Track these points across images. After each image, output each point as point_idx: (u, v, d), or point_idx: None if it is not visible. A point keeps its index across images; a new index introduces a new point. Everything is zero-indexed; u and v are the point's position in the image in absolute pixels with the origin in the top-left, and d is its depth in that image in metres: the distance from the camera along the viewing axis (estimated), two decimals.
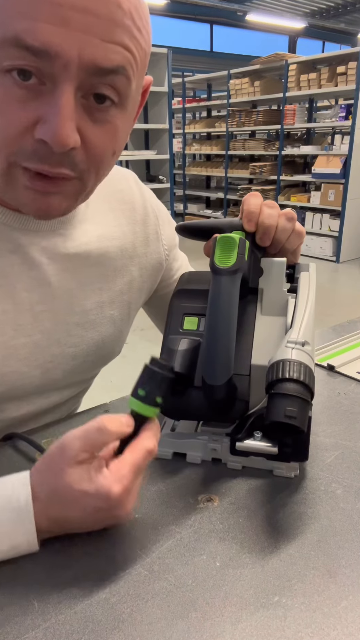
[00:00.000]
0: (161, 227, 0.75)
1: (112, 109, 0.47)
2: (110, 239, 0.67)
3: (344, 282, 4.51)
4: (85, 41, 0.41)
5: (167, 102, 4.42)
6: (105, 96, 0.45)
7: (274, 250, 0.60)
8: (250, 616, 0.40)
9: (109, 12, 0.41)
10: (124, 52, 0.43)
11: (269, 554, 0.46)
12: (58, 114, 0.42)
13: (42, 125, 0.43)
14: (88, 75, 0.43)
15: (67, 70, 0.41)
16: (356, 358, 0.84)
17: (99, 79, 0.44)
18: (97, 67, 0.42)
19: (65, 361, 0.65)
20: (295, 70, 5.13)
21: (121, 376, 2.68)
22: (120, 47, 0.43)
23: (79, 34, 0.40)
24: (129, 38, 0.43)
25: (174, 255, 0.79)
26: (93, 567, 0.45)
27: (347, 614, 0.40)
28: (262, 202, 0.58)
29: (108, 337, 0.70)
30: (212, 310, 0.51)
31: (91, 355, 0.68)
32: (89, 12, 0.40)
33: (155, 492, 0.53)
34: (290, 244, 0.60)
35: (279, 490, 0.54)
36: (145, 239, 0.72)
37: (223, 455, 0.57)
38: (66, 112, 0.42)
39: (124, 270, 0.69)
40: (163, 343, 0.57)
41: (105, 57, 0.42)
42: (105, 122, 0.47)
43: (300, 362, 0.47)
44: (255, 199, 0.58)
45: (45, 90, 0.43)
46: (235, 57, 12.17)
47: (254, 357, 0.55)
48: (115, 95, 0.46)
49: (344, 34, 12.90)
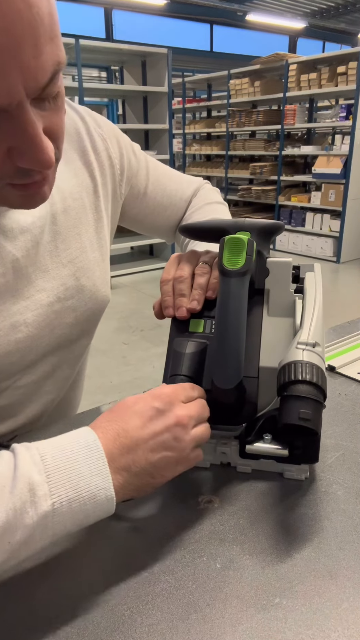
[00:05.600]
0: (110, 149, 0.73)
1: (58, 92, 0.46)
2: (72, 191, 0.67)
3: (344, 282, 4.51)
4: (24, 76, 0.39)
5: (167, 102, 4.42)
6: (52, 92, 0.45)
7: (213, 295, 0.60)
8: (251, 618, 0.40)
9: (29, 33, 0.39)
10: (53, 53, 0.41)
11: (270, 556, 0.46)
12: (33, 145, 0.42)
13: (21, 156, 0.43)
14: (38, 93, 0.42)
15: (21, 106, 0.41)
16: (357, 359, 0.84)
17: (45, 89, 0.43)
18: (43, 85, 0.42)
19: (67, 313, 0.67)
20: (295, 70, 5.13)
21: (121, 377, 2.69)
22: (47, 54, 0.41)
23: (17, 76, 0.39)
24: (50, 37, 0.41)
25: (133, 172, 0.77)
26: (93, 568, 0.45)
27: (348, 615, 0.40)
28: (174, 278, 0.60)
29: (98, 280, 0.70)
30: (222, 312, 0.51)
31: (88, 302, 0.69)
32: (14, 47, 0.38)
33: (156, 494, 0.53)
34: None
35: (278, 491, 0.54)
36: (100, 166, 0.71)
37: (232, 459, 0.57)
38: (38, 139, 0.42)
39: (93, 207, 0.70)
40: (169, 345, 0.57)
41: (44, 73, 0.41)
42: (57, 106, 0.46)
43: (312, 363, 0.46)
44: (166, 286, 0.60)
45: (3, 122, 0.41)
46: (236, 57, 12.18)
47: (262, 359, 0.55)
48: (57, 84, 0.45)
49: (344, 34, 12.90)
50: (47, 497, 0.39)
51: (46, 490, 0.39)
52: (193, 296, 0.58)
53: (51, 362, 0.68)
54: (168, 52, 4.25)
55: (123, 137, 0.76)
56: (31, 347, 0.63)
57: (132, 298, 4.03)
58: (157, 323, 3.23)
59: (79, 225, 0.67)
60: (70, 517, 0.40)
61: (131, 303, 3.87)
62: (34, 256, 0.61)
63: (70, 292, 0.66)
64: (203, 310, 0.58)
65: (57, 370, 0.71)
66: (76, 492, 0.40)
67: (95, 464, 0.42)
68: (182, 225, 0.63)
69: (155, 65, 4.43)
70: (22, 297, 0.61)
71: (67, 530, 0.41)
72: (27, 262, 0.60)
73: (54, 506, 0.39)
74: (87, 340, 0.76)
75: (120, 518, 0.50)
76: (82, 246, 0.68)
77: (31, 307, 0.61)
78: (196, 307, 0.57)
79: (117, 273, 4.55)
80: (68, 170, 0.67)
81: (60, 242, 0.65)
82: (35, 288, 0.62)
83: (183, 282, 0.59)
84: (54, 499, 0.39)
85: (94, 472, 0.42)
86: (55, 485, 0.40)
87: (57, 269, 0.64)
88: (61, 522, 0.40)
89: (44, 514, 0.39)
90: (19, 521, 0.38)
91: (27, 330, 0.61)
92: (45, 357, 0.67)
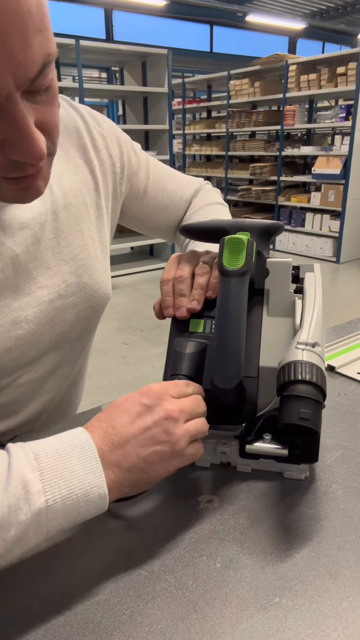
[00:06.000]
0: (111, 148, 0.73)
1: (50, 85, 0.46)
2: (73, 188, 0.67)
3: (344, 282, 4.51)
4: (13, 67, 0.39)
5: (167, 102, 4.42)
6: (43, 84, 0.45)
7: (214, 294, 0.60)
8: (251, 617, 0.40)
9: (16, 24, 0.39)
10: (42, 45, 0.41)
11: (269, 555, 0.46)
12: (24, 137, 0.42)
13: (13, 149, 0.43)
14: (27, 85, 0.42)
15: (10, 98, 0.41)
16: (356, 359, 0.84)
17: (35, 81, 0.43)
18: (32, 77, 0.42)
19: (69, 310, 0.67)
20: (295, 71, 5.13)
21: (121, 377, 2.69)
22: (36, 45, 0.41)
23: (5, 67, 0.39)
24: (39, 28, 0.41)
25: (133, 171, 0.78)
26: (93, 568, 0.45)
27: (348, 615, 0.40)
28: (174, 278, 0.60)
29: (99, 277, 0.71)
30: (222, 312, 0.51)
31: (89, 299, 0.70)
32: (1, 39, 0.38)
33: (156, 493, 0.53)
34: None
35: (278, 491, 0.54)
36: (101, 164, 0.71)
37: (232, 458, 0.57)
38: (29, 131, 0.43)
39: (94, 204, 0.70)
40: (169, 345, 0.57)
41: (33, 64, 0.41)
42: (49, 99, 0.46)
43: (312, 363, 0.47)
44: (166, 286, 0.60)
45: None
46: (235, 58, 12.18)
47: (262, 359, 0.55)
48: (48, 77, 0.45)
49: (344, 35, 12.90)
50: (40, 494, 0.40)
51: (40, 487, 0.40)
52: (193, 296, 0.58)
53: (52, 359, 0.69)
54: (168, 53, 4.25)
55: (123, 135, 0.76)
56: (32, 343, 0.63)
57: (132, 298, 4.03)
58: (157, 323, 3.23)
59: (80, 222, 0.67)
60: (63, 515, 0.41)
61: (131, 303, 3.87)
62: (34, 252, 0.61)
63: (71, 288, 0.66)
64: (203, 310, 0.58)
65: (58, 368, 0.71)
66: (69, 490, 0.41)
67: (89, 462, 0.42)
68: (182, 225, 0.64)
69: (155, 66, 4.43)
70: (23, 293, 0.61)
71: (61, 527, 0.41)
72: (28, 258, 0.60)
73: (48, 503, 0.40)
74: (88, 339, 0.77)
75: (120, 517, 0.50)
76: (84, 243, 0.68)
77: (32, 304, 0.62)
78: (196, 307, 0.58)
79: (117, 273, 4.55)
80: (69, 167, 0.67)
81: (62, 239, 0.65)
82: (36, 284, 0.62)
83: (183, 282, 0.59)
84: (47, 496, 0.40)
85: (87, 470, 0.42)
86: (48, 483, 0.40)
87: (59, 265, 0.65)
88: (55, 519, 0.40)
89: (37, 511, 0.39)
90: (13, 518, 0.39)
91: (28, 327, 0.61)
92: (46, 354, 0.67)
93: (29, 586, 0.43)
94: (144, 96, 4.67)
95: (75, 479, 0.41)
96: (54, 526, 0.41)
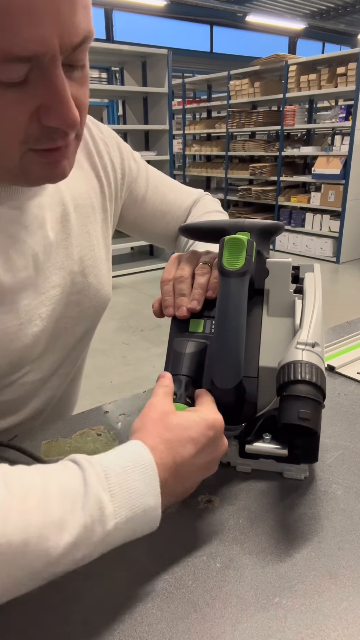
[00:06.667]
0: (112, 153, 0.75)
1: (84, 64, 0.49)
2: (82, 191, 0.69)
3: (344, 283, 4.51)
4: (60, 29, 0.42)
5: (167, 103, 4.42)
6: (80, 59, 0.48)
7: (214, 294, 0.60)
8: (251, 617, 0.40)
9: None
10: (85, 19, 0.45)
11: (269, 555, 0.46)
12: (61, 101, 0.45)
13: (48, 113, 0.45)
14: (68, 52, 0.45)
15: (54, 60, 0.43)
16: (356, 359, 0.84)
17: (76, 51, 0.46)
18: (75, 44, 0.45)
19: (74, 309, 0.68)
20: (295, 71, 5.13)
21: (121, 377, 2.69)
22: (81, 16, 0.44)
23: (54, 27, 0.42)
24: (83, 4, 0.45)
25: (133, 177, 0.79)
26: (91, 568, 0.45)
27: (348, 614, 0.40)
28: (174, 278, 0.61)
29: (103, 277, 0.72)
30: (222, 312, 0.51)
31: (93, 299, 0.71)
32: (54, 1, 0.41)
33: None
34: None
35: (278, 491, 0.54)
36: (104, 168, 0.73)
37: (232, 458, 0.57)
38: (67, 95, 0.45)
39: (100, 207, 0.72)
40: (169, 345, 0.57)
41: (77, 32, 0.44)
42: (82, 78, 0.50)
43: (312, 363, 0.47)
44: (166, 286, 0.61)
45: (35, 78, 0.44)
46: (235, 58, 12.17)
47: (261, 359, 0.55)
48: (85, 53, 0.49)
49: (344, 35, 12.90)
50: (112, 517, 0.39)
51: (112, 509, 0.39)
52: (193, 296, 0.58)
53: (55, 358, 0.70)
54: (168, 53, 4.25)
55: (124, 143, 0.79)
56: (41, 340, 0.64)
57: (132, 298, 4.03)
58: (157, 323, 3.23)
59: (88, 224, 0.69)
60: (123, 535, 0.40)
61: (131, 303, 3.88)
62: (49, 252, 0.63)
63: (77, 287, 0.68)
64: (203, 310, 0.58)
65: (60, 367, 0.72)
66: (133, 512, 0.40)
67: (152, 483, 0.41)
68: (183, 225, 0.64)
69: (155, 66, 4.43)
70: (39, 291, 0.62)
71: (115, 546, 0.40)
72: (44, 257, 0.62)
73: (117, 526, 0.39)
74: (88, 338, 0.78)
75: None
76: (91, 244, 0.69)
77: (46, 302, 0.63)
78: (196, 306, 0.58)
79: (117, 273, 4.55)
80: (77, 171, 0.69)
81: (73, 239, 0.66)
82: (50, 283, 0.64)
83: (183, 282, 0.59)
84: (117, 519, 0.39)
85: (150, 491, 0.41)
86: (118, 505, 0.39)
87: (70, 266, 0.66)
88: (116, 540, 0.40)
89: (107, 533, 0.38)
90: (87, 539, 0.37)
91: (41, 324, 0.63)
92: (50, 352, 0.68)
93: None
94: (144, 96, 4.67)
95: (138, 500, 0.40)
96: (111, 546, 0.40)
